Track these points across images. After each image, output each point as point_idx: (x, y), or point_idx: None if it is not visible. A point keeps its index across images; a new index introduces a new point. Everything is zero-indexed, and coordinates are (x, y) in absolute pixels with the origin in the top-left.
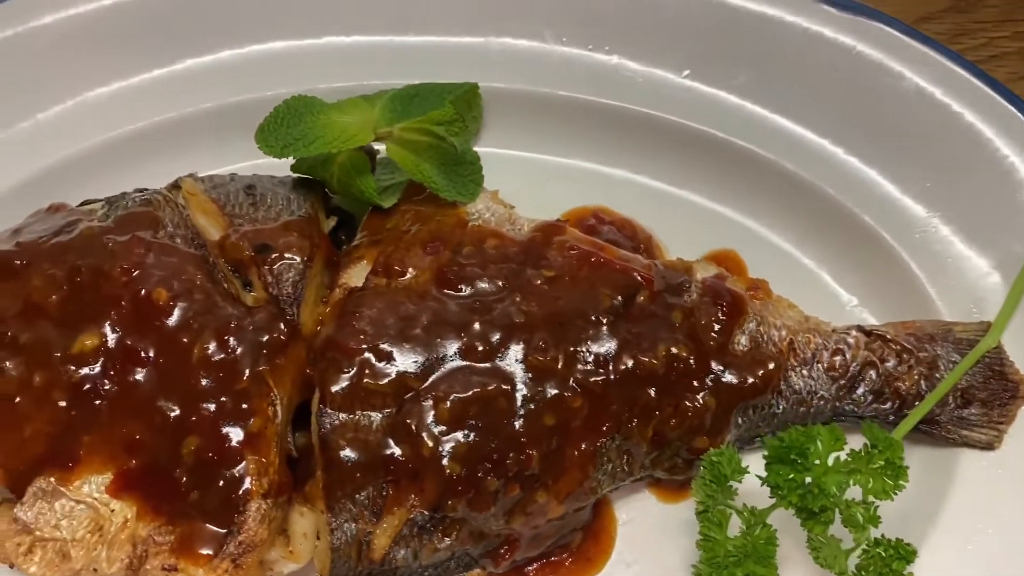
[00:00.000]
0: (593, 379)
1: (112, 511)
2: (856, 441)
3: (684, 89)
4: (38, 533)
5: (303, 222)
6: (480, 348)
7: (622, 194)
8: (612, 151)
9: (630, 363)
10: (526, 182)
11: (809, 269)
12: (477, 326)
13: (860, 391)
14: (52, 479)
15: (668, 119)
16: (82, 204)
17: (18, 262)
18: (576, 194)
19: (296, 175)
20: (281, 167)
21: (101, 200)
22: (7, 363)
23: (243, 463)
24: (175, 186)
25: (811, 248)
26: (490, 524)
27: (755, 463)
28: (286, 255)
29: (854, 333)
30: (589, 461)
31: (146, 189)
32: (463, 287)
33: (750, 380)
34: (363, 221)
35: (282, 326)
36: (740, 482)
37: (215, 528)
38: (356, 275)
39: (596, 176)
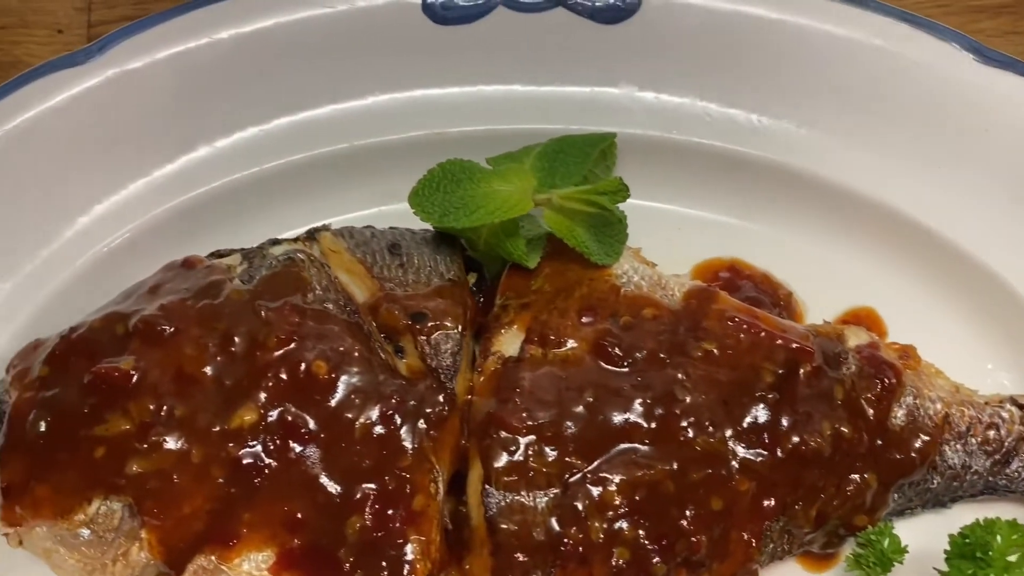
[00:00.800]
0: (760, 460)
1: None
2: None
3: (824, 143)
4: None
5: (455, 288)
6: (645, 427)
7: (752, 246)
8: (743, 202)
9: (796, 443)
10: (654, 232)
11: (945, 330)
12: (640, 403)
13: (1014, 466)
14: (213, 557)
15: (807, 171)
16: (213, 255)
17: (166, 328)
18: (706, 246)
19: (435, 230)
20: (409, 216)
21: (235, 252)
22: (164, 438)
23: (407, 542)
24: (311, 237)
25: (948, 308)
26: None
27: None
28: (443, 323)
29: (1008, 407)
30: (754, 544)
31: (279, 240)
32: (623, 360)
33: (910, 456)
34: (503, 280)
35: (442, 399)
36: (902, 562)
37: None
38: (508, 343)
39: (725, 227)
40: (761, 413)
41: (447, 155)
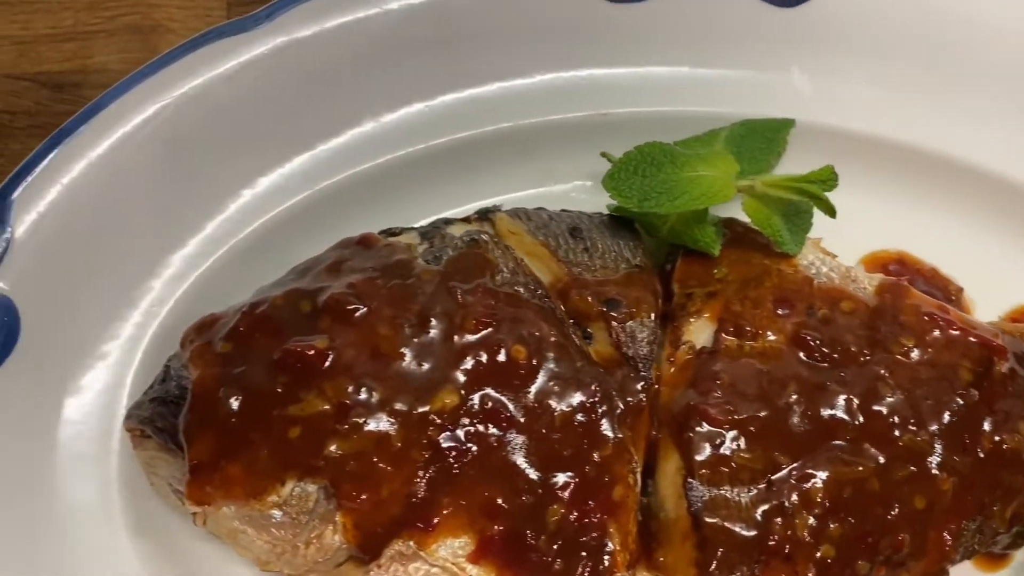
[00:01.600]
0: (960, 459)
1: None
2: None
3: (1002, 138)
4: None
5: (646, 275)
6: (850, 423)
7: (916, 239)
8: (910, 193)
9: (996, 442)
10: (818, 221)
11: None
12: (844, 399)
13: None
14: (411, 542)
15: (979, 165)
16: (385, 232)
17: (358, 307)
18: (872, 237)
19: (609, 214)
20: (566, 198)
21: (408, 230)
22: (362, 420)
23: (607, 532)
24: (483, 218)
25: None
26: None
27: None
28: (638, 311)
29: None
30: (951, 544)
31: (451, 220)
32: (824, 354)
33: None
34: (679, 268)
35: (640, 388)
36: None
37: None
38: (698, 333)
39: (890, 218)
40: (962, 411)
41: (611, 137)
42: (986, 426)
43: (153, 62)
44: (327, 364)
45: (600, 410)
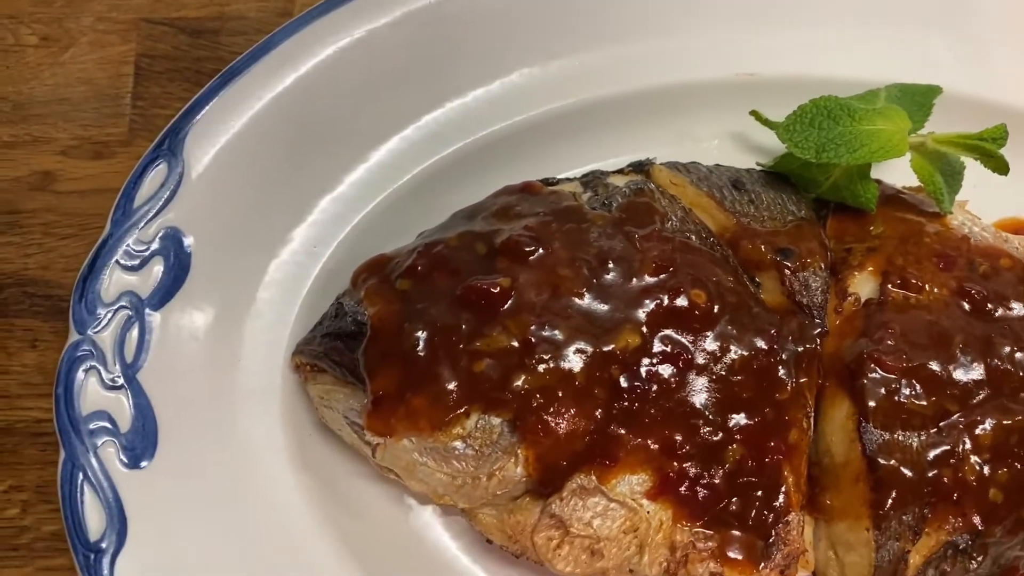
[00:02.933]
0: None
1: (648, 513)
2: None
3: None
4: (571, 530)
5: (812, 227)
6: (1014, 373)
7: None
8: None
9: None
10: None
11: None
12: (1009, 350)
13: None
14: (593, 476)
15: None
16: (542, 182)
17: (535, 249)
18: (1002, 205)
19: (764, 169)
20: (704, 156)
21: (568, 180)
22: (548, 356)
23: (782, 474)
24: (639, 170)
25: None
26: (1009, 552)
27: None
28: (812, 260)
29: None
30: None
31: (606, 172)
32: (989, 308)
33: None
34: (831, 224)
35: (816, 335)
36: None
37: (755, 538)
38: (862, 285)
39: (1018, 185)
40: None
41: (751, 98)
42: None
43: (320, 5)
44: (509, 302)
45: (780, 356)
